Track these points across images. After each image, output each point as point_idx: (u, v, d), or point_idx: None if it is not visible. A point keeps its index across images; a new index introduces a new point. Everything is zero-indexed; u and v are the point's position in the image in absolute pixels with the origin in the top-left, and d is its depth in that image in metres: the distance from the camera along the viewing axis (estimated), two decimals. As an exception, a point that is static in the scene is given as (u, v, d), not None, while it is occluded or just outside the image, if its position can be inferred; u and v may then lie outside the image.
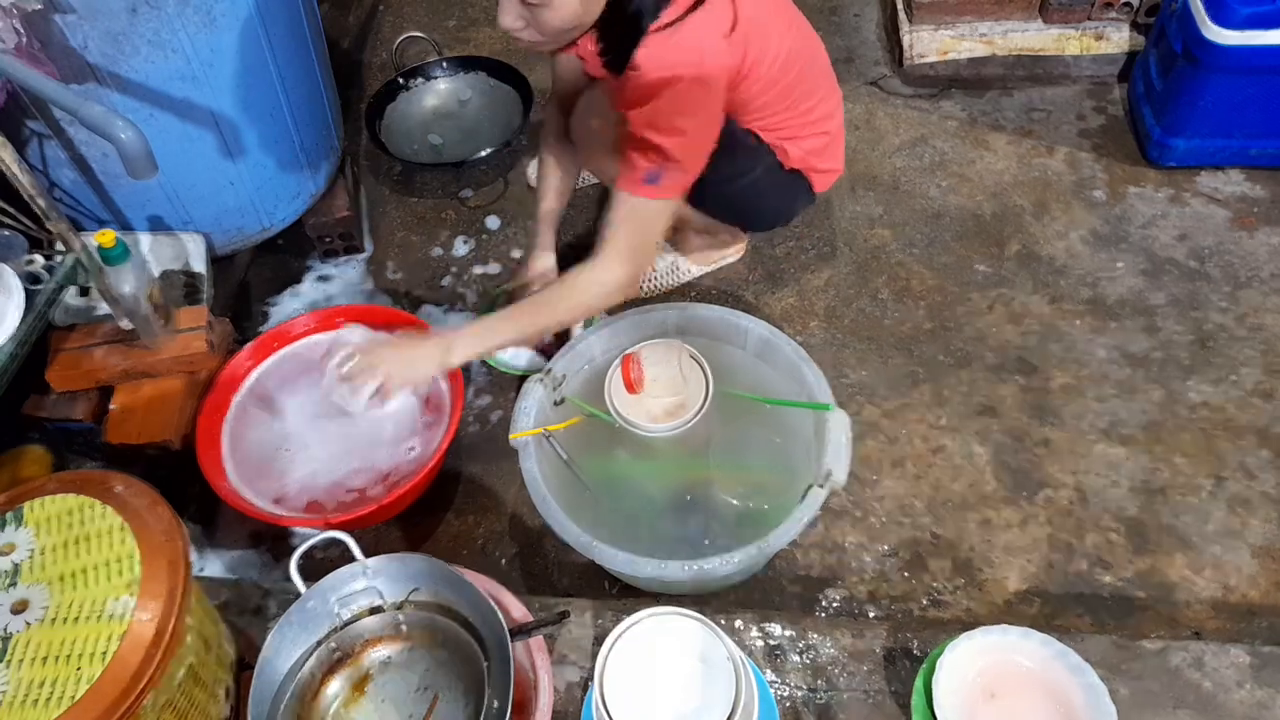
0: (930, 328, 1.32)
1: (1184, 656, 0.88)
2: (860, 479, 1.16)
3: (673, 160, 0.94)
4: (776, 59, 1.01)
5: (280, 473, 1.12)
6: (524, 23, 0.87)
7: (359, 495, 1.09)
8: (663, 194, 0.96)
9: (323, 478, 1.11)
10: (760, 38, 0.97)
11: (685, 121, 0.92)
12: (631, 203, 0.97)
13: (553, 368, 1.06)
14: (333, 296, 1.43)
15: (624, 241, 0.99)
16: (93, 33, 1.00)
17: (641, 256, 1.01)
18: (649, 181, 0.94)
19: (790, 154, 1.13)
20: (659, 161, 0.93)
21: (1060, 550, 1.09)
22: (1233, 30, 1.28)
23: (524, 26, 0.87)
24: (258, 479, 1.11)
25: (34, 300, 1.00)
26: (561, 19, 0.85)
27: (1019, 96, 1.62)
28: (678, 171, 0.95)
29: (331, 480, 1.10)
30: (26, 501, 0.77)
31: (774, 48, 1.00)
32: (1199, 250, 1.38)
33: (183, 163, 1.18)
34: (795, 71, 1.05)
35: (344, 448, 1.12)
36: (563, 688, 0.89)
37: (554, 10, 0.84)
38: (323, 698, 0.83)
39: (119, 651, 0.67)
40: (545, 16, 0.85)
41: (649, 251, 1.02)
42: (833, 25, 1.77)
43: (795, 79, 1.06)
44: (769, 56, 1.00)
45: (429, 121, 1.60)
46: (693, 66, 0.89)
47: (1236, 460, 1.15)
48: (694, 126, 0.94)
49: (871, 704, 0.88)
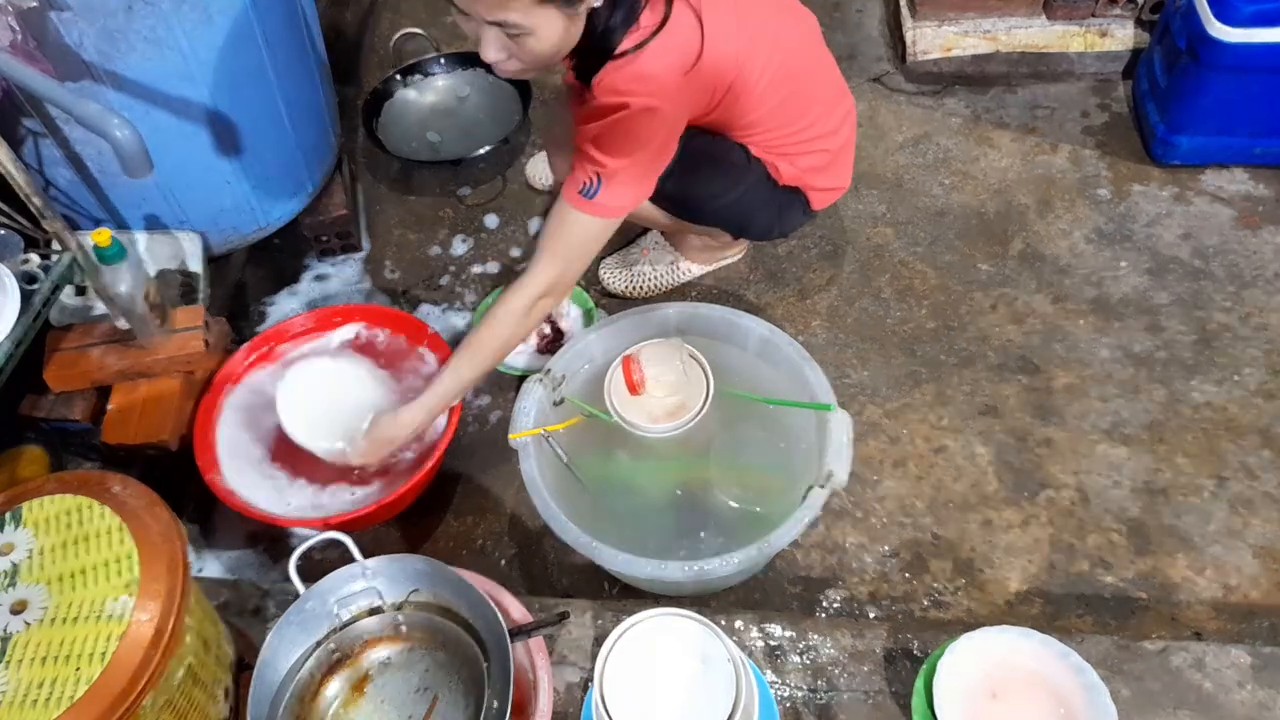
0: (933, 327, 1.31)
1: (1185, 657, 0.88)
2: (861, 479, 1.16)
3: (612, 180, 0.94)
4: (763, 76, 0.99)
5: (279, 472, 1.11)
6: (507, 54, 0.87)
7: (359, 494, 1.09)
8: (595, 210, 0.95)
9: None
10: (741, 59, 0.95)
11: (629, 146, 0.92)
12: (565, 210, 0.97)
13: (552, 368, 1.06)
14: (330, 295, 1.42)
15: (549, 248, 0.98)
16: (89, 30, 0.99)
17: (564, 266, 0.99)
18: (585, 194, 0.95)
19: (783, 171, 1.11)
20: (596, 177, 0.94)
21: (1061, 551, 1.09)
22: (1237, 28, 1.27)
23: (507, 58, 0.87)
24: (256, 479, 1.11)
25: (30, 300, 0.99)
26: (546, 46, 0.85)
27: (1023, 93, 1.61)
28: (615, 191, 0.95)
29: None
30: (25, 502, 0.76)
31: (760, 66, 0.98)
32: (1203, 249, 1.37)
33: (179, 161, 1.17)
34: (788, 89, 1.03)
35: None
36: (562, 688, 0.89)
37: (538, 39, 0.84)
38: (322, 698, 0.83)
39: (118, 652, 0.67)
40: (529, 45, 0.85)
41: (574, 265, 1.00)
42: (835, 21, 1.76)
43: (788, 95, 1.04)
44: (754, 76, 0.98)
45: (427, 119, 1.60)
46: (642, 96, 0.89)
47: (1239, 460, 1.15)
48: (638, 152, 0.93)
49: (872, 705, 0.87)
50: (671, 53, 0.90)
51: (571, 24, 0.85)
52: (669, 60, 0.90)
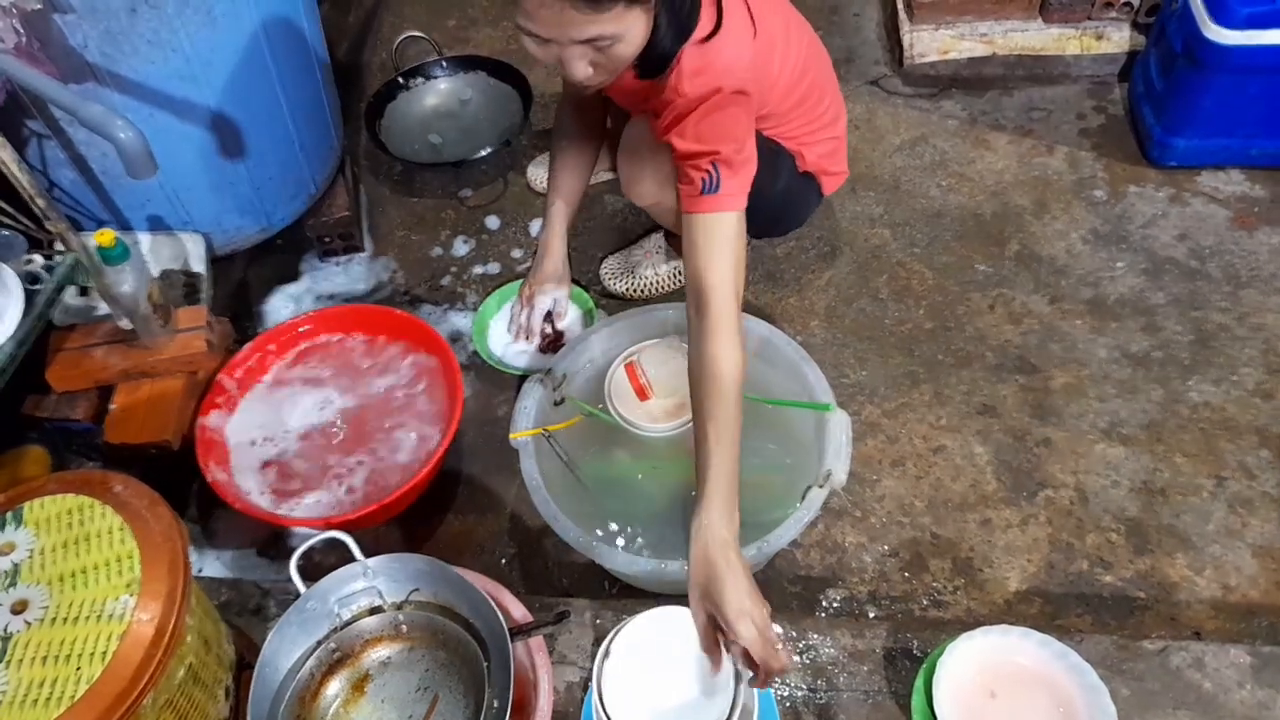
0: (931, 327, 1.32)
1: (1184, 656, 0.88)
2: (860, 479, 1.16)
3: (728, 165, 0.90)
4: (795, 66, 1.03)
5: (279, 472, 1.12)
6: (593, 69, 0.84)
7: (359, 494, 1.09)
8: (723, 205, 0.90)
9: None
10: (779, 46, 0.99)
11: (732, 129, 0.91)
12: (701, 223, 0.90)
13: (553, 368, 1.06)
14: (332, 296, 1.43)
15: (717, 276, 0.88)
16: (92, 32, 1.00)
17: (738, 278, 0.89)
18: (708, 191, 0.90)
19: (806, 158, 1.15)
20: (713, 168, 0.90)
21: (1060, 550, 1.09)
22: (1233, 30, 1.28)
23: (594, 73, 0.84)
24: (257, 479, 1.11)
25: (33, 300, 1.00)
26: (632, 49, 0.83)
27: (1019, 96, 1.61)
28: (731, 176, 0.91)
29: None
30: (26, 501, 0.77)
31: (792, 55, 1.02)
32: (1199, 250, 1.38)
33: (182, 162, 1.18)
34: (810, 78, 1.07)
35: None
36: (562, 688, 0.89)
37: (626, 43, 0.81)
38: (323, 697, 0.83)
39: (119, 651, 0.67)
40: (618, 52, 0.82)
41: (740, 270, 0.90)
42: (833, 25, 1.77)
43: (810, 85, 1.08)
44: (789, 65, 1.02)
45: (429, 121, 1.60)
46: (733, 79, 0.89)
47: (1237, 460, 1.15)
48: (740, 134, 0.92)
49: (871, 704, 0.87)
50: (742, 35, 0.90)
51: (648, 17, 0.83)
52: (742, 42, 0.90)
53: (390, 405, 1.18)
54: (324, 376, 1.21)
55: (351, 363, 1.23)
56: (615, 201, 1.51)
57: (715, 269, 0.89)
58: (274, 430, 1.16)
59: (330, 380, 1.21)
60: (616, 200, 1.51)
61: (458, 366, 1.16)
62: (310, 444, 1.15)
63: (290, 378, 1.21)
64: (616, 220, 1.49)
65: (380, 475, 1.11)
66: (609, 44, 0.81)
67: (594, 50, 0.82)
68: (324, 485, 1.11)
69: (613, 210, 1.50)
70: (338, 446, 1.15)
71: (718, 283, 0.88)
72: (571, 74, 0.84)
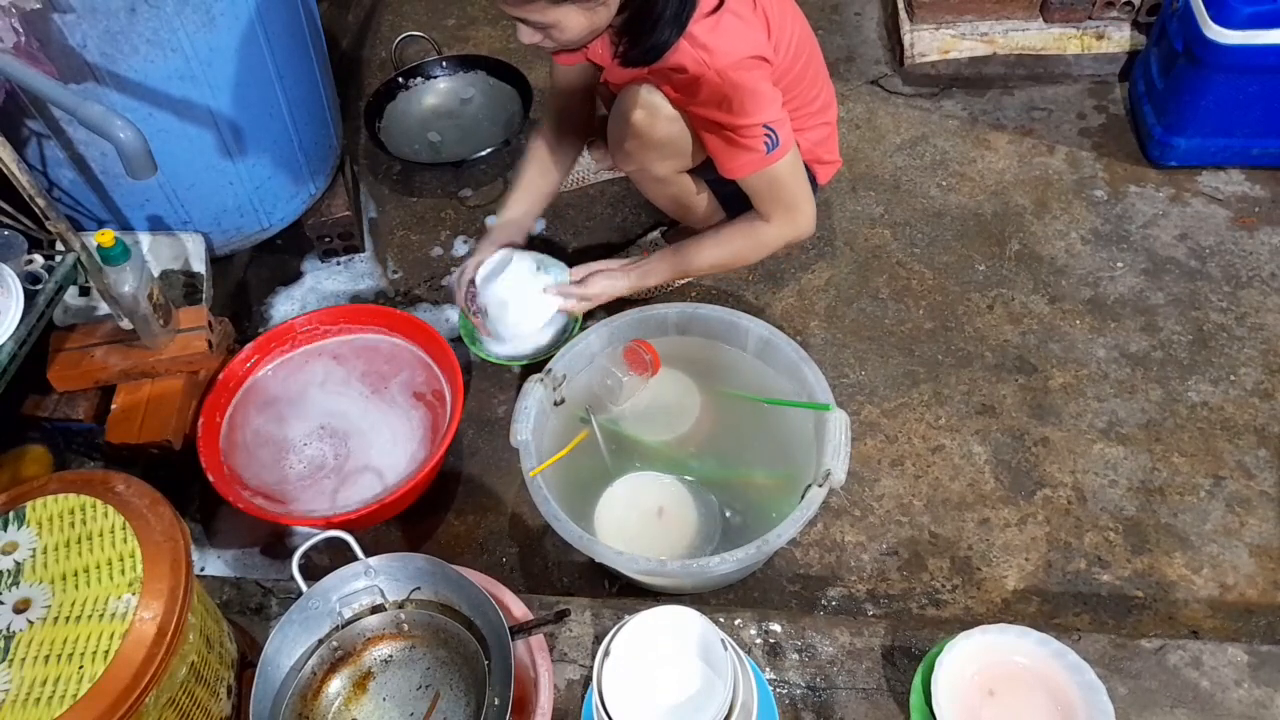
0: (930, 327, 1.32)
1: (1182, 655, 0.89)
2: (860, 478, 1.16)
3: (777, 122, 1.01)
4: (790, 47, 1.06)
5: (281, 472, 1.12)
6: (541, 35, 0.94)
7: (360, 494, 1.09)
8: (784, 150, 1.03)
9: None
10: (776, 22, 1.03)
11: (767, 92, 1.00)
12: (768, 175, 1.05)
13: (553, 368, 1.07)
14: (332, 296, 1.43)
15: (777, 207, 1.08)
16: (91, 32, 1.00)
17: (802, 208, 1.10)
18: (773, 149, 1.02)
19: (800, 146, 1.15)
20: (769, 131, 1.00)
21: (1059, 549, 1.09)
22: (1234, 30, 1.28)
23: (542, 38, 0.95)
24: (259, 478, 1.12)
25: (34, 300, 1.00)
26: (572, 35, 0.93)
27: (1020, 95, 1.61)
28: (782, 127, 1.02)
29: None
30: (28, 501, 0.77)
31: (788, 36, 1.05)
32: (1199, 250, 1.38)
33: (182, 162, 1.18)
34: (804, 61, 1.10)
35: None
36: (563, 686, 0.89)
37: (562, 30, 0.92)
38: (324, 696, 0.83)
39: (121, 650, 0.67)
40: (556, 36, 0.93)
41: (809, 203, 1.11)
42: (834, 24, 1.77)
43: (804, 68, 1.10)
44: (785, 44, 1.05)
45: (428, 121, 1.60)
46: (752, 47, 0.97)
47: (1235, 460, 1.15)
48: (774, 94, 1.02)
49: (870, 702, 0.88)
50: (744, 8, 0.98)
51: (594, 14, 0.92)
52: (745, 15, 0.98)
53: (390, 404, 1.18)
54: (324, 376, 1.21)
55: (352, 362, 1.23)
56: (616, 201, 1.51)
57: (802, 192, 1.09)
58: (275, 429, 1.16)
59: (330, 380, 1.21)
60: (617, 200, 1.51)
61: (458, 366, 1.16)
62: (311, 443, 1.15)
63: (290, 377, 1.21)
64: (617, 220, 1.49)
65: (381, 475, 1.12)
66: (545, 27, 0.92)
67: (534, 28, 0.93)
68: (325, 485, 1.11)
69: (613, 210, 1.50)
70: (338, 446, 1.15)
71: (803, 203, 1.10)
72: (520, 37, 0.95)
